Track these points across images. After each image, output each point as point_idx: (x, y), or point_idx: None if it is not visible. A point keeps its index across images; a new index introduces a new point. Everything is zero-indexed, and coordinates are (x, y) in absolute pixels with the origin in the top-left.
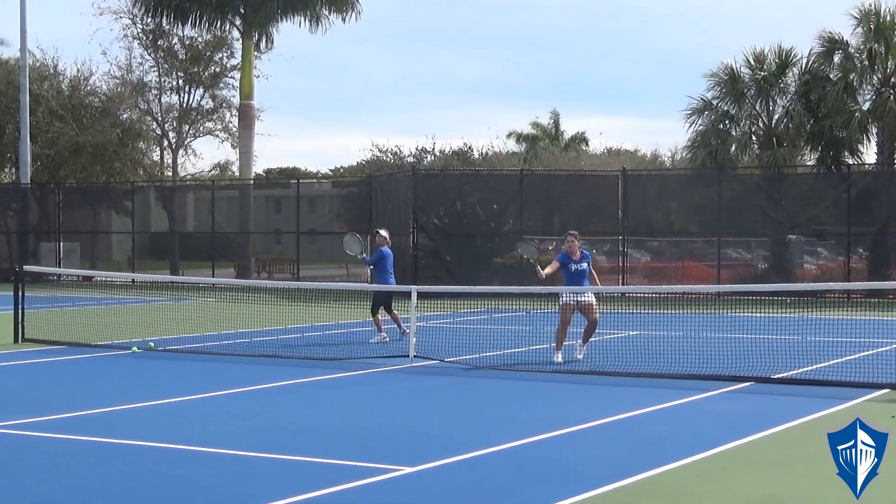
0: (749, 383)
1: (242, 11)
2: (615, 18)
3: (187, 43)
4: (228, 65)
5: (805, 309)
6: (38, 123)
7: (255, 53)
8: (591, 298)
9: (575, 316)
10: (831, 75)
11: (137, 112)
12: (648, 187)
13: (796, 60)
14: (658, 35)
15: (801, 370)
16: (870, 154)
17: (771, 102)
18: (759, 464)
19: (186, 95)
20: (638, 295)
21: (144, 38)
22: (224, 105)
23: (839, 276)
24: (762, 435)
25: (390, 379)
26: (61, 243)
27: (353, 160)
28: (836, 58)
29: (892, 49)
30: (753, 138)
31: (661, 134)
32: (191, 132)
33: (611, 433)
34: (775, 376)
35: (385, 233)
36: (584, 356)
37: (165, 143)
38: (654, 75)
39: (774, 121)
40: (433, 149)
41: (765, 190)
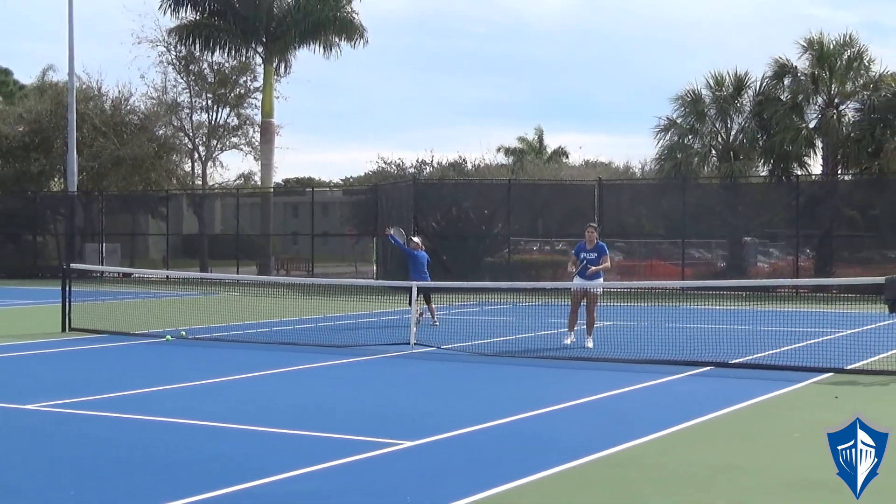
0: (709, 368)
1: (264, 40)
2: (594, 47)
3: (215, 68)
4: (251, 87)
5: (758, 302)
6: (83, 139)
7: (276, 77)
8: (597, 291)
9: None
10: (782, 96)
11: (171, 129)
12: (621, 195)
13: (751, 83)
14: (632, 61)
15: (755, 356)
16: (816, 166)
17: (729, 120)
18: (718, 437)
19: (214, 114)
20: (612, 290)
21: (178, 63)
22: (248, 122)
23: (788, 273)
24: (721, 413)
25: (393, 364)
26: (104, 244)
27: (361, 171)
28: (786, 81)
29: (835, 74)
30: (713, 152)
31: (632, 148)
32: (218, 146)
33: (589, 411)
34: (732, 361)
35: (418, 239)
36: (574, 343)
37: (196, 155)
38: (627, 97)
39: (732, 136)
40: (432, 161)
41: (723, 198)
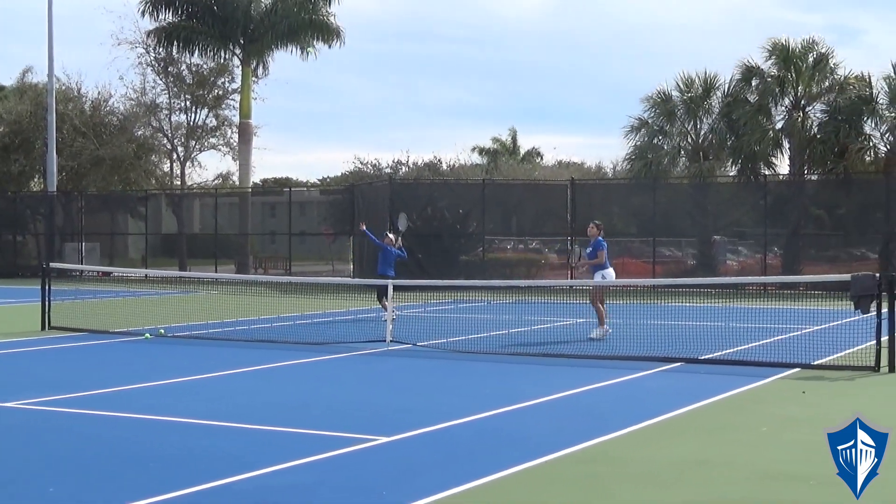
0: (679, 363)
1: (242, 42)
2: (567, 50)
3: (194, 69)
4: (230, 88)
5: (728, 299)
6: (63, 139)
7: (253, 78)
8: (598, 285)
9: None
10: (749, 98)
11: (150, 129)
12: (593, 195)
13: (720, 85)
14: (604, 65)
15: (724, 352)
16: (783, 166)
17: (698, 121)
18: (688, 432)
19: (193, 115)
20: (584, 287)
21: (156, 65)
22: (226, 123)
23: (757, 271)
24: (691, 407)
25: (369, 360)
26: (83, 243)
27: (337, 171)
28: (754, 83)
29: (801, 76)
30: (682, 152)
31: (604, 149)
32: (197, 147)
33: (561, 407)
34: (702, 357)
35: (393, 236)
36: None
37: (175, 156)
38: (599, 99)
39: (701, 137)
40: (407, 161)
41: (693, 197)
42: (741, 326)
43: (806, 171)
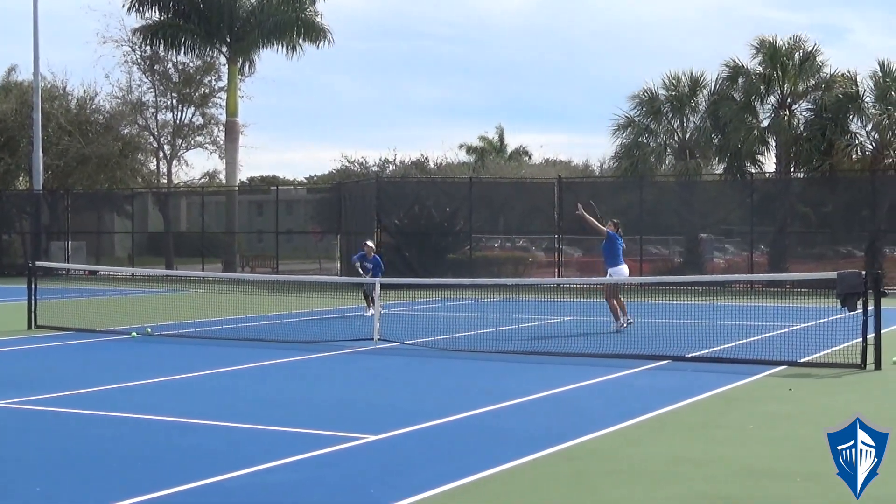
0: (667, 361)
1: (229, 40)
2: (554, 48)
3: (180, 68)
4: (216, 87)
5: (714, 297)
6: (49, 138)
7: (240, 77)
8: (609, 279)
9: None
10: (736, 96)
11: (136, 128)
12: (580, 193)
13: (706, 83)
14: (591, 63)
15: (711, 349)
16: (769, 164)
17: (684, 119)
18: (675, 430)
19: (179, 113)
20: (572, 285)
21: (143, 63)
22: (212, 122)
23: (744, 268)
24: (678, 405)
25: (357, 359)
26: (69, 242)
27: (324, 170)
28: (740, 81)
29: (787, 74)
30: (669, 150)
31: (591, 148)
32: (183, 145)
33: (548, 405)
34: (689, 355)
35: (371, 244)
36: (522, 339)
37: (161, 154)
38: (586, 98)
39: (688, 135)
40: (394, 159)
41: (680, 195)
42: (728, 324)
43: (792, 169)
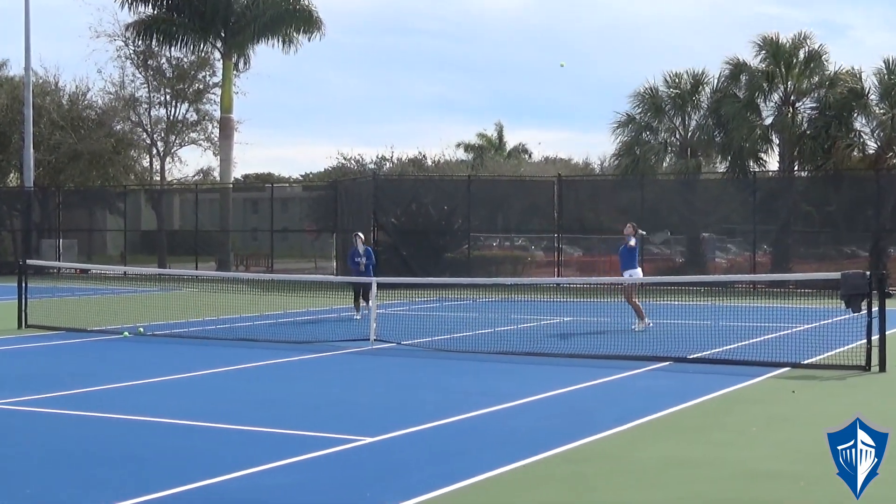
0: (668, 363)
1: (223, 35)
2: (554, 44)
3: (174, 63)
4: (210, 82)
5: (716, 297)
6: (40, 133)
7: (235, 72)
8: (628, 281)
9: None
10: (738, 93)
11: (129, 124)
12: (580, 191)
13: (708, 81)
14: (591, 60)
15: (713, 351)
16: (772, 163)
17: (686, 117)
18: (676, 432)
19: (173, 109)
20: (571, 285)
21: (136, 58)
22: (206, 118)
23: (746, 269)
24: (679, 407)
25: (353, 360)
26: (61, 240)
27: (320, 167)
28: (743, 79)
29: (790, 71)
30: (670, 148)
31: (591, 145)
32: (177, 142)
33: (548, 406)
34: (691, 356)
35: (362, 234)
36: (525, 340)
37: (154, 151)
38: (586, 95)
39: (689, 133)
40: (392, 157)
41: (681, 193)
42: (730, 325)
43: (795, 168)
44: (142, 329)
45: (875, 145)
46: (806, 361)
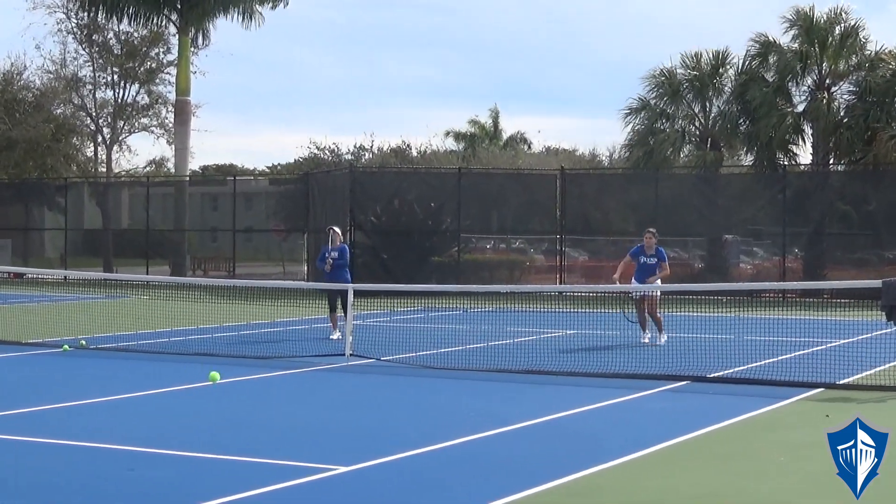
0: (685, 382)
1: (178, 7)
2: (553, 23)
3: (123, 38)
4: (164, 60)
5: (741, 308)
6: None
7: (192, 49)
8: (654, 294)
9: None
10: (766, 76)
11: (71, 107)
12: (586, 186)
13: (732, 62)
14: (597, 40)
15: (736, 369)
16: (805, 155)
17: (707, 103)
18: (695, 461)
19: (121, 91)
20: (576, 294)
21: (79, 32)
22: (160, 101)
23: (775, 275)
24: (698, 433)
25: (326, 377)
26: None
27: (290, 158)
28: (771, 59)
29: (825, 51)
30: (688, 138)
31: (599, 134)
32: (126, 128)
33: (549, 431)
34: (711, 375)
35: (338, 228)
36: (532, 357)
37: (100, 138)
38: (593, 77)
39: (710, 121)
40: (371, 146)
41: (701, 190)
42: (756, 339)
43: (831, 161)
44: (84, 342)
45: None
46: (842, 382)
